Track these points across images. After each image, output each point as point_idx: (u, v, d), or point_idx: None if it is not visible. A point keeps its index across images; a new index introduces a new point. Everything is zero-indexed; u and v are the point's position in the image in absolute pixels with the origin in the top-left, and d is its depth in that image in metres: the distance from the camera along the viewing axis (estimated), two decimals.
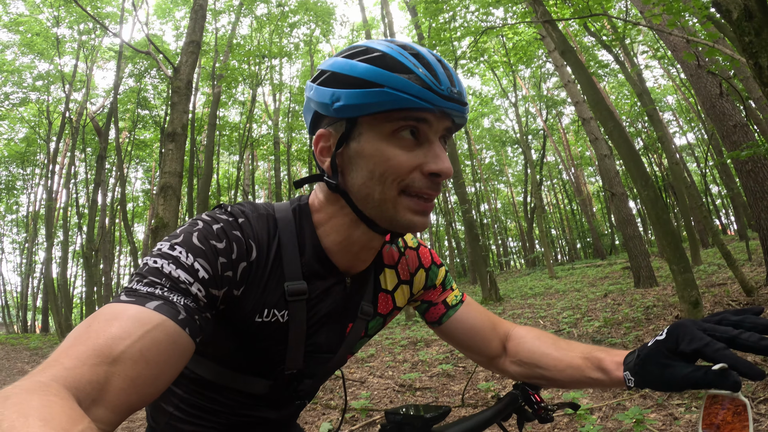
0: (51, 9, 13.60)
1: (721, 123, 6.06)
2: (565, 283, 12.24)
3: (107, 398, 0.44)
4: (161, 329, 0.49)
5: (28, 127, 18.40)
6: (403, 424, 0.66)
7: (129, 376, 0.46)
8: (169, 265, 0.55)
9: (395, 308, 0.84)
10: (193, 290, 0.55)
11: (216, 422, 0.79)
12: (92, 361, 0.44)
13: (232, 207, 0.68)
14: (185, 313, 0.53)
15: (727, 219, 26.36)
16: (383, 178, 0.61)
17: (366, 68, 0.59)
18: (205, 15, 7.22)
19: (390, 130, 0.61)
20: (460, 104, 0.61)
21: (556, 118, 24.41)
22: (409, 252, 0.85)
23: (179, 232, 0.61)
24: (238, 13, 14.46)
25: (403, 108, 0.59)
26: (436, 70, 0.60)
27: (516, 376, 0.83)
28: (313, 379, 0.78)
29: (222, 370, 0.73)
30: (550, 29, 5.40)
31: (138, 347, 0.47)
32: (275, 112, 17.72)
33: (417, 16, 12.62)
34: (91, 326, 0.48)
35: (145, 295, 0.52)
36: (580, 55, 13.18)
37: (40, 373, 0.42)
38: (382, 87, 0.58)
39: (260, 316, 0.65)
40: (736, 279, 5.61)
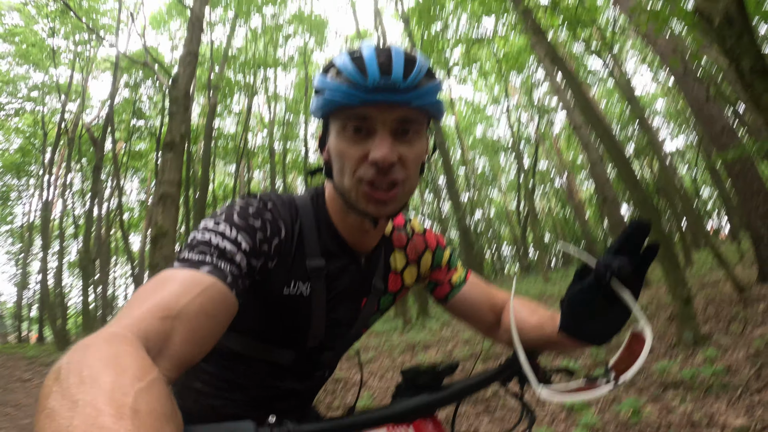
0: (47, 20, 13.61)
1: (710, 126, 6.17)
2: (559, 287, 12.33)
3: (172, 348, 0.49)
4: (215, 288, 0.56)
5: (24, 138, 18.30)
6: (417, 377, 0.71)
7: (191, 327, 0.51)
8: (216, 237, 0.63)
9: (404, 287, 0.92)
10: (237, 259, 0.62)
11: (243, 394, 0.85)
12: (159, 314, 0.49)
13: (260, 194, 0.76)
14: (231, 277, 0.60)
15: (719, 221, 26.69)
16: (343, 169, 0.70)
17: (318, 78, 0.70)
18: (201, 27, 7.31)
19: (340, 127, 0.69)
20: (390, 92, 0.64)
21: (548, 125, 24.70)
22: (416, 237, 0.93)
23: (220, 212, 0.69)
24: (234, 24, 14.59)
25: (342, 107, 0.67)
26: (367, 65, 0.64)
27: (504, 341, 0.90)
28: (333, 351, 0.87)
29: (251, 341, 0.80)
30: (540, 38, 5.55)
31: (198, 302, 0.53)
32: (270, 122, 17.80)
33: (410, 26, 12.83)
34: (154, 287, 0.54)
35: (197, 262, 0.59)
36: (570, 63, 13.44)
37: (115, 324, 0.47)
38: (323, 92, 0.68)
39: (287, 288, 0.74)
40: (728, 279, 5.68)
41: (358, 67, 0.65)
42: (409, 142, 0.69)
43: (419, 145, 0.71)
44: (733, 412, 2.71)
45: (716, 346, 3.86)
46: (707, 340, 4.07)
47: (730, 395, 2.92)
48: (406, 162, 0.69)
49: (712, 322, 4.73)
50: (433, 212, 20.96)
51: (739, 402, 2.82)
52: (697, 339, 3.98)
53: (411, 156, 0.69)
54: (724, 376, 3.18)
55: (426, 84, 0.68)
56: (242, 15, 13.76)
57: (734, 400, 2.85)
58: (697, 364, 3.54)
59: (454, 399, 0.71)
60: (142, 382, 0.36)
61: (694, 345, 3.95)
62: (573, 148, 24.82)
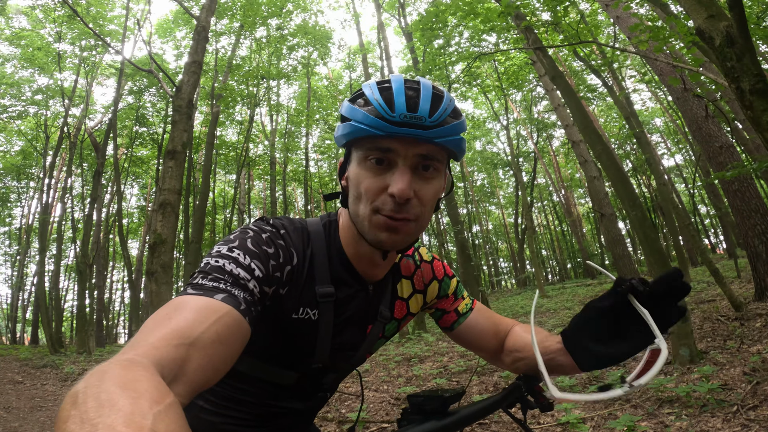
0: (53, 25, 13.68)
1: (708, 144, 6.19)
2: (555, 301, 12.32)
3: (187, 375, 0.49)
4: (229, 316, 0.57)
5: (25, 141, 18.29)
6: (424, 404, 0.73)
7: (207, 354, 0.52)
8: (230, 264, 0.64)
9: (409, 314, 0.93)
10: (250, 286, 0.64)
11: (244, 412, 0.86)
12: (175, 341, 0.50)
13: (273, 220, 0.78)
14: (245, 305, 0.60)
15: (716, 238, 26.73)
16: (360, 198, 0.70)
17: (345, 105, 0.72)
18: (207, 36, 7.41)
19: (362, 156, 0.70)
20: (415, 127, 0.66)
21: (547, 140, 24.87)
22: (424, 265, 0.94)
23: (233, 237, 0.70)
24: (239, 35, 14.75)
25: (367, 137, 0.68)
26: (394, 98, 0.66)
27: (508, 366, 0.91)
28: (336, 373, 0.88)
29: (256, 362, 0.81)
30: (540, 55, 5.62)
31: (213, 330, 0.54)
32: (272, 132, 17.91)
33: (412, 41, 12.99)
34: (168, 313, 0.54)
35: (211, 289, 0.59)
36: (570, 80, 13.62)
37: (129, 352, 0.47)
38: (350, 120, 0.69)
39: (296, 313, 0.75)
40: (725, 296, 5.69)
41: (385, 99, 0.67)
42: (427, 178, 0.70)
43: (437, 183, 0.72)
44: (729, 428, 2.70)
45: (712, 362, 3.85)
46: (703, 356, 4.06)
47: (726, 412, 2.92)
48: (422, 198, 0.70)
49: (708, 338, 4.72)
50: (431, 225, 21.01)
51: (735, 419, 2.82)
52: (693, 356, 3.96)
53: (428, 193, 0.70)
54: (720, 392, 3.18)
55: (450, 122, 0.69)
56: (248, 26, 13.92)
57: (730, 417, 2.85)
58: (693, 380, 3.53)
59: (460, 425, 0.73)
60: (159, 406, 0.37)
61: (690, 362, 3.94)
62: (571, 164, 24.97)
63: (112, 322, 27.40)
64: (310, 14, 16.79)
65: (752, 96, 2.20)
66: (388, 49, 13.58)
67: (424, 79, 0.71)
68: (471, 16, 8.31)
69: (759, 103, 2.19)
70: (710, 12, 2.35)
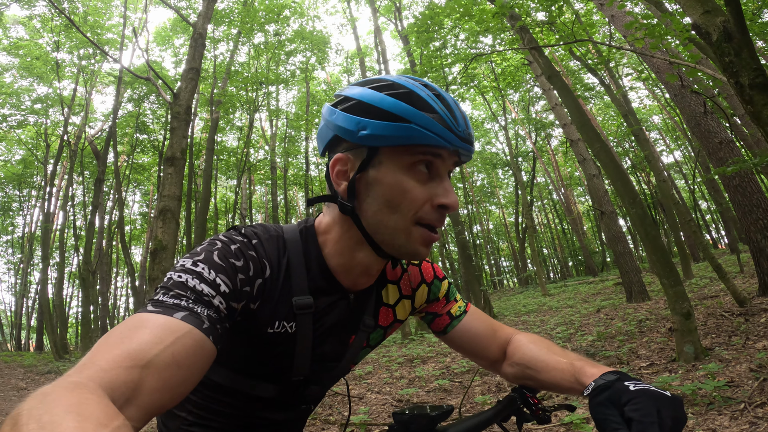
0: (51, 34, 13.72)
1: (707, 140, 6.17)
2: (557, 300, 12.32)
3: (140, 398, 0.47)
4: (189, 336, 0.53)
5: (26, 150, 18.36)
6: (409, 423, 0.69)
7: (162, 377, 0.49)
8: (194, 280, 0.60)
9: (396, 321, 0.88)
10: (215, 302, 0.60)
11: (226, 424, 0.83)
12: (127, 363, 0.47)
13: (245, 229, 0.73)
14: (208, 323, 0.57)
15: (718, 233, 26.69)
16: (400, 207, 0.66)
17: (395, 103, 0.64)
18: (204, 43, 7.44)
19: (409, 162, 0.65)
20: (471, 144, 0.68)
21: (545, 140, 24.92)
22: (411, 268, 0.89)
23: (200, 250, 0.66)
24: (237, 41, 14.81)
25: (424, 144, 0.64)
26: (455, 112, 0.66)
27: (510, 377, 0.87)
28: (319, 385, 0.83)
29: (235, 376, 0.78)
30: (536, 55, 5.61)
31: (170, 352, 0.50)
32: (272, 137, 17.95)
33: (409, 44, 13.03)
34: (122, 333, 0.51)
35: (172, 306, 0.56)
36: (567, 79, 13.67)
37: (76, 374, 0.45)
38: (409, 123, 0.63)
39: (272, 327, 0.71)
40: (728, 291, 5.65)
41: (449, 111, 0.66)
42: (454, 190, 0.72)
43: None
44: (737, 426, 2.66)
45: (717, 359, 3.80)
46: (708, 353, 4.02)
47: (733, 410, 2.87)
48: None
49: (712, 335, 4.68)
50: None
51: (743, 416, 2.77)
52: (697, 353, 3.92)
53: None
54: (727, 390, 3.13)
55: None
56: (245, 32, 13.98)
57: (737, 415, 2.81)
58: (699, 378, 3.48)
59: None
60: (106, 429, 0.35)
61: (694, 359, 3.89)
62: (570, 163, 24.99)
63: None
64: (307, 20, 16.89)
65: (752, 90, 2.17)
66: (386, 52, 13.63)
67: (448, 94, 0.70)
68: (466, 17, 8.32)
69: (759, 97, 2.16)
70: (706, 7, 2.33)
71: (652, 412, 0.55)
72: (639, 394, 0.59)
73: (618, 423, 0.57)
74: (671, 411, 0.56)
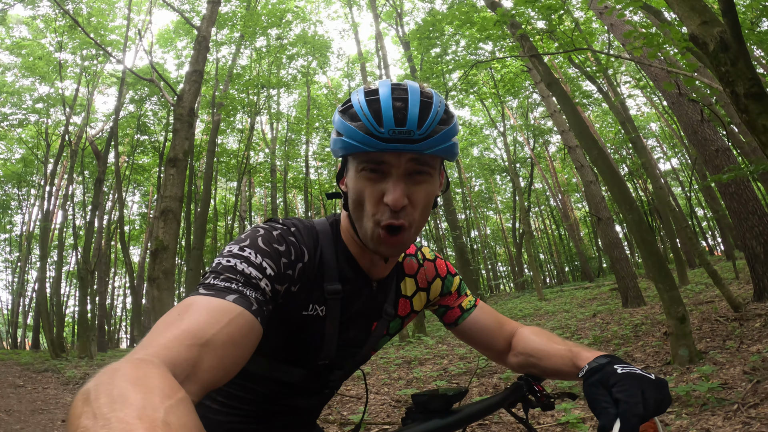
0: (54, 34, 13.74)
1: (704, 148, 6.24)
2: (554, 304, 12.36)
3: (199, 375, 0.50)
4: (241, 318, 0.57)
5: (26, 149, 18.31)
6: (427, 403, 0.73)
7: (218, 356, 0.53)
8: (242, 264, 0.64)
9: (412, 311, 0.95)
10: (262, 285, 0.64)
11: (247, 410, 0.87)
12: (187, 342, 0.50)
13: (284, 220, 0.79)
14: (257, 305, 0.61)
15: (714, 240, 26.81)
16: (363, 208, 0.72)
17: (336, 119, 0.73)
18: (208, 46, 7.51)
19: (357, 167, 0.71)
20: (404, 142, 0.67)
21: (543, 146, 25.02)
22: (427, 264, 0.96)
23: (245, 237, 0.70)
24: (239, 44, 14.88)
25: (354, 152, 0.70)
26: (382, 114, 0.67)
27: (515, 366, 0.93)
28: (342, 370, 0.88)
29: (263, 360, 0.81)
30: (536, 63, 5.68)
31: (225, 332, 0.54)
32: (272, 140, 18.01)
33: (410, 50, 13.14)
34: (180, 314, 0.55)
35: (223, 289, 0.60)
36: (565, 86, 13.79)
37: (141, 351, 0.48)
38: (341, 136, 0.70)
39: (306, 310, 0.77)
40: (723, 297, 5.71)
41: (373, 113, 0.67)
42: (420, 182, 0.72)
43: (430, 186, 0.73)
44: (730, 426, 2.70)
45: (712, 362, 3.86)
46: (703, 357, 4.07)
47: (726, 410, 2.91)
48: (416, 203, 0.72)
49: (707, 339, 4.74)
50: (430, 231, 21.07)
51: (736, 417, 2.81)
52: (692, 356, 3.97)
53: (422, 197, 0.72)
54: (720, 391, 3.18)
55: (440, 130, 0.69)
56: (248, 36, 14.07)
57: (730, 415, 2.85)
58: (693, 380, 3.53)
59: (463, 424, 0.74)
60: (171, 400, 0.38)
61: (689, 362, 3.94)
62: (568, 169, 25.11)
63: (114, 328, 27.36)
64: (309, 24, 17.02)
65: (747, 100, 2.22)
66: (386, 57, 13.74)
67: (411, 83, 0.71)
68: (467, 25, 8.42)
69: (754, 106, 2.21)
70: (704, 18, 2.38)
71: (637, 393, 0.60)
72: (625, 377, 0.64)
73: (607, 402, 0.62)
74: (655, 392, 0.62)
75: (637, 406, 0.59)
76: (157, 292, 5.40)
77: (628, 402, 0.59)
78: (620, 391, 0.62)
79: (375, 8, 14.26)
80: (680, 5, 2.51)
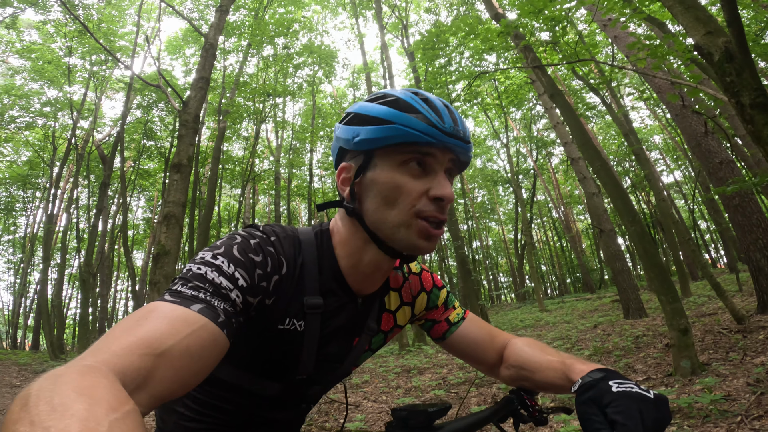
0: (64, 39, 13.89)
1: (708, 160, 6.22)
2: (555, 315, 12.30)
3: (151, 386, 0.47)
4: (204, 329, 0.54)
5: (33, 151, 18.41)
6: (408, 419, 0.70)
7: (174, 367, 0.50)
8: (212, 272, 0.61)
9: (396, 326, 0.91)
10: (232, 296, 0.61)
11: (224, 421, 0.84)
12: (141, 351, 0.47)
13: (264, 227, 0.75)
14: (224, 317, 0.58)
15: (717, 253, 26.69)
16: (397, 202, 0.69)
17: (381, 109, 0.70)
18: (215, 54, 7.59)
19: (400, 160, 0.69)
20: (461, 140, 0.70)
21: (546, 158, 25.12)
22: (412, 277, 0.93)
23: (219, 244, 0.67)
24: (246, 53, 15.04)
25: (411, 142, 0.67)
26: (441, 111, 0.69)
27: (507, 379, 0.89)
28: (321, 385, 0.85)
29: (240, 372, 0.78)
30: (539, 74, 5.72)
31: (185, 343, 0.51)
32: (277, 148, 18.11)
33: (414, 60, 13.26)
34: (138, 320, 0.52)
35: (190, 298, 0.57)
36: (569, 98, 13.88)
37: (90, 357, 0.45)
38: (393, 123, 0.67)
39: (282, 324, 0.73)
40: (726, 309, 5.65)
41: (433, 110, 0.69)
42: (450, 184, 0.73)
43: None
44: None
45: (714, 374, 3.82)
46: (705, 368, 4.03)
47: (729, 422, 2.87)
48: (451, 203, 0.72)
49: (710, 351, 4.69)
50: None
51: (739, 429, 2.77)
52: (694, 368, 3.94)
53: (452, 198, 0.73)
54: (723, 403, 3.15)
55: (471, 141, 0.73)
56: (255, 44, 14.23)
57: (733, 427, 2.82)
58: (695, 392, 3.49)
59: None
60: (116, 413, 0.35)
61: (691, 374, 3.91)
62: (570, 181, 25.13)
63: None
64: (315, 34, 17.22)
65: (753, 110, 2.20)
66: (391, 68, 13.84)
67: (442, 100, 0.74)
68: (471, 36, 8.52)
69: (759, 117, 2.19)
70: (708, 28, 2.37)
71: (635, 414, 0.57)
72: (620, 396, 0.59)
73: (601, 423, 0.58)
74: (653, 412, 0.58)
75: (638, 429, 0.55)
76: (158, 296, 5.43)
77: (626, 425, 0.56)
78: (616, 412, 0.58)
79: (381, 20, 14.43)
80: (685, 16, 2.51)
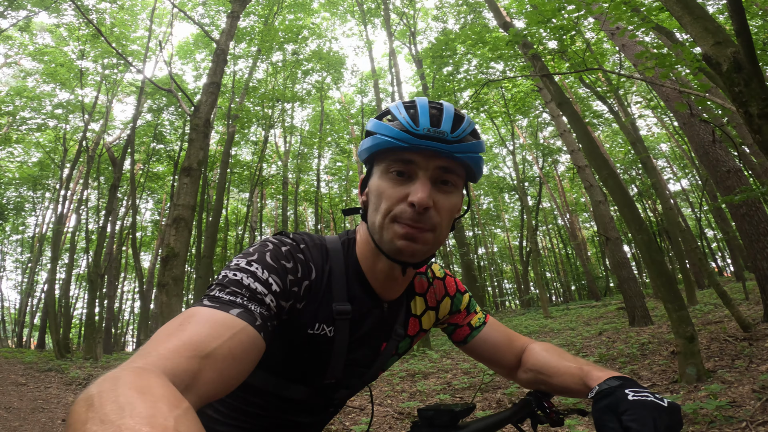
0: (77, 43, 14.04)
1: (715, 169, 6.21)
2: (559, 322, 12.24)
3: (197, 387, 0.49)
4: (244, 333, 0.57)
5: (43, 152, 18.58)
6: (433, 419, 0.72)
7: (218, 369, 0.52)
8: (248, 278, 0.64)
9: (421, 330, 0.94)
10: (267, 300, 0.64)
11: (251, 424, 0.85)
12: (188, 353, 0.50)
13: (294, 234, 0.78)
14: (261, 320, 0.61)
15: (723, 261, 26.48)
16: (379, 207, 0.72)
17: (371, 121, 0.75)
18: (225, 59, 7.71)
19: (384, 168, 0.73)
20: (437, 141, 0.69)
21: (552, 165, 25.04)
22: (436, 282, 0.96)
23: (252, 251, 0.70)
24: (256, 58, 15.23)
25: (390, 149, 0.71)
26: (420, 115, 0.70)
27: (524, 383, 0.92)
28: (348, 389, 0.87)
29: (269, 376, 0.80)
30: (547, 82, 5.74)
31: (228, 346, 0.54)
32: (285, 153, 18.26)
33: (422, 68, 13.36)
34: (182, 324, 0.54)
35: (228, 303, 0.60)
36: (576, 106, 13.92)
37: (139, 360, 0.47)
38: (375, 134, 0.72)
39: (312, 329, 0.75)
40: (732, 317, 5.64)
41: (411, 115, 0.71)
42: (446, 192, 0.72)
43: (455, 198, 0.74)
44: None
45: (720, 381, 3.82)
46: (711, 375, 4.03)
47: (735, 428, 2.89)
48: (440, 210, 0.71)
49: (715, 358, 4.69)
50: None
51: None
52: (700, 375, 3.94)
53: (446, 205, 0.72)
54: (729, 409, 3.15)
55: (470, 140, 0.73)
56: (265, 50, 14.41)
57: None
58: (700, 398, 3.50)
59: None
60: (178, 409, 0.37)
61: (697, 380, 3.91)
62: (576, 189, 25.08)
63: (121, 331, 27.55)
64: (324, 41, 17.42)
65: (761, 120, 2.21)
66: (399, 75, 13.95)
67: (448, 103, 0.75)
68: (479, 44, 8.60)
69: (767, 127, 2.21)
70: (717, 39, 2.39)
71: (649, 422, 0.60)
72: (636, 404, 0.63)
73: (616, 430, 0.61)
74: (666, 420, 0.61)
75: None
76: (166, 298, 5.47)
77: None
78: (631, 420, 0.61)
79: (389, 27, 14.58)
80: (693, 26, 2.54)
